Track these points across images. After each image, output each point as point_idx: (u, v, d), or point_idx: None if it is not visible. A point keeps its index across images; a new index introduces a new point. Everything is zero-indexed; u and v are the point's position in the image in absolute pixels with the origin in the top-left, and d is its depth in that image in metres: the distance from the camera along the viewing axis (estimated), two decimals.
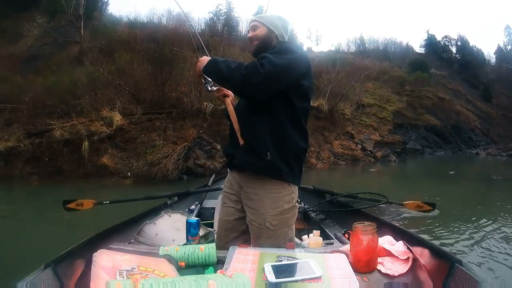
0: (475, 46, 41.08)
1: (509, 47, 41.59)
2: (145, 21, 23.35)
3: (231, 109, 1.40)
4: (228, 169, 1.49)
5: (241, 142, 1.31)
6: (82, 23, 15.10)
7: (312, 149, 11.47)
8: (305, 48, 31.72)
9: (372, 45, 38.60)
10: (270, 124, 1.25)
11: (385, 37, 42.11)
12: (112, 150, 8.51)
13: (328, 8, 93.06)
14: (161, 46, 11.42)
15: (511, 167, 11.90)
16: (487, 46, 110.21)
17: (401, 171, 11.69)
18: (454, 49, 40.12)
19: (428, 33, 41.57)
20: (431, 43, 39.54)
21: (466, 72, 34.50)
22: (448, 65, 35.28)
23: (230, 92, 1.45)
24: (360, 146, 13.88)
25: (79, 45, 14.90)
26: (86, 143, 8.22)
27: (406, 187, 7.66)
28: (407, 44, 40.09)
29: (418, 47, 41.30)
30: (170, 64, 10.15)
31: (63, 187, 7.54)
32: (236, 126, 1.34)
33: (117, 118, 8.66)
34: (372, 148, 14.15)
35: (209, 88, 1.43)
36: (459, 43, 39.70)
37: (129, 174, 8.09)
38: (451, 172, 9.25)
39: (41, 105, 10.09)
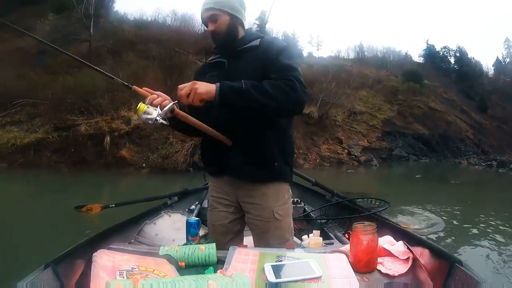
0: (473, 58, 43.44)
1: (507, 60, 44.14)
2: (149, 20, 25.35)
3: (187, 116, 1.27)
4: (214, 176, 1.44)
5: (229, 143, 1.29)
6: (92, 22, 16.60)
7: (300, 151, 13.58)
8: (306, 53, 33.45)
9: (371, 53, 40.47)
10: (275, 132, 1.30)
11: (384, 45, 44.19)
12: (130, 145, 10.58)
13: (330, 14, 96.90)
14: (172, 54, 13.43)
15: (477, 176, 13.60)
16: (486, 58, 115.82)
17: (376, 173, 13.64)
18: (452, 60, 42.50)
19: (427, 43, 43.75)
20: (430, 53, 41.73)
21: (463, 83, 36.42)
22: (445, 75, 37.31)
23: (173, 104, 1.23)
24: (346, 151, 15.96)
25: (88, 43, 16.52)
26: (108, 138, 10.25)
27: (371, 185, 9.60)
28: (405, 53, 42.25)
29: (417, 57, 43.39)
30: (179, 72, 12.23)
31: (87, 174, 9.38)
32: (212, 131, 1.27)
33: (134, 117, 10.69)
34: (358, 153, 16.22)
35: (160, 121, 1.19)
36: (457, 54, 42.00)
37: (144, 165, 10.16)
38: (417, 176, 11.30)
39: (60, 101, 11.68)
